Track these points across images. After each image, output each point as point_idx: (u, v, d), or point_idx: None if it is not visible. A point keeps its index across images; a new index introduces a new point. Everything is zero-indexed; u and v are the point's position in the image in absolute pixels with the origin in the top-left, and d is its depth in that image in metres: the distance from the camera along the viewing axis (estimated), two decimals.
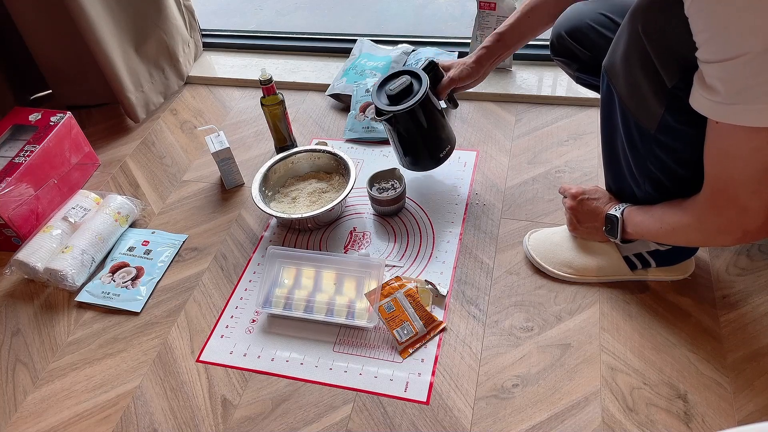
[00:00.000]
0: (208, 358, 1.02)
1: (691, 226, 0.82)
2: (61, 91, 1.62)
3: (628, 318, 0.98)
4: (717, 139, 0.71)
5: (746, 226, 0.75)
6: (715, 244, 0.88)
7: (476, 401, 0.91)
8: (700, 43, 0.65)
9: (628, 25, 0.77)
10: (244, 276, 1.15)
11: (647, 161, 0.84)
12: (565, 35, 1.04)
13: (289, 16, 2.24)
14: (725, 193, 0.74)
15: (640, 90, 0.79)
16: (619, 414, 0.87)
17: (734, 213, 0.75)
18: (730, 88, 0.64)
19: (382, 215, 1.22)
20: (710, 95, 0.67)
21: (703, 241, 0.88)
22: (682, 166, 0.81)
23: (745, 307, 0.97)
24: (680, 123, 0.76)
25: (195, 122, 1.56)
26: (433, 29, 2.03)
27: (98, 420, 0.95)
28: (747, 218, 0.74)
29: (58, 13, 1.38)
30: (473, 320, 1.01)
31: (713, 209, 0.77)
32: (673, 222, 0.84)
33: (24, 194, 1.23)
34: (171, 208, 1.32)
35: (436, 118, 1.15)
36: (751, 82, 0.62)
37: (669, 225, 0.85)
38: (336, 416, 0.91)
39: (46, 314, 1.13)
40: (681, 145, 0.78)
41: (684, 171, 0.81)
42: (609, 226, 0.95)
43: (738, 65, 0.62)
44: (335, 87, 1.53)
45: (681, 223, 0.83)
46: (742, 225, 0.75)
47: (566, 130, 1.36)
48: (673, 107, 0.75)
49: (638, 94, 0.80)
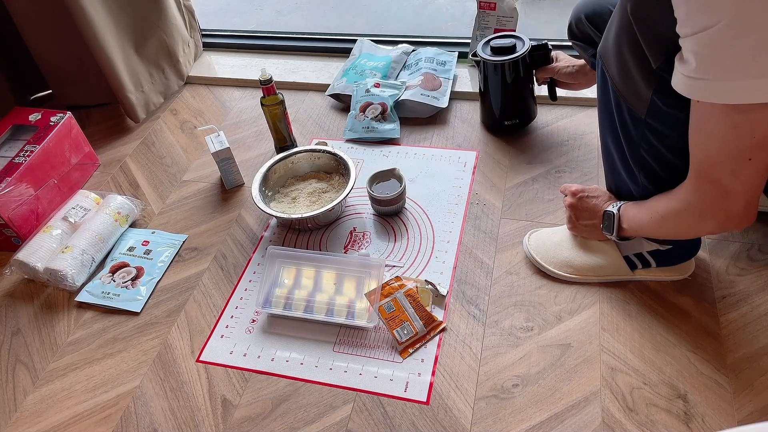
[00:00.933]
0: (208, 358, 1.02)
1: (678, 211, 0.82)
2: (61, 91, 1.62)
3: (628, 318, 0.98)
4: (697, 119, 0.71)
5: (728, 208, 0.75)
6: (701, 231, 0.88)
7: (476, 401, 0.91)
8: (678, 19, 0.65)
9: (619, 8, 0.78)
10: (244, 276, 1.15)
11: (641, 149, 0.85)
12: (584, 19, 1.05)
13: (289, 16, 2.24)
14: (707, 175, 0.74)
15: (630, 73, 0.80)
16: (619, 414, 0.87)
17: (716, 195, 0.75)
18: (702, 62, 0.64)
19: (382, 215, 1.22)
20: (685, 71, 0.67)
21: (690, 229, 0.87)
22: (674, 153, 0.81)
23: (745, 307, 0.97)
24: (668, 106, 0.77)
25: (195, 122, 1.56)
26: (433, 29, 2.03)
27: (98, 420, 0.95)
28: (729, 201, 0.74)
29: (59, 13, 1.38)
30: (473, 320, 1.01)
31: (697, 192, 0.77)
32: (661, 210, 0.84)
33: (24, 194, 1.23)
34: (171, 208, 1.32)
35: (518, 88, 1.29)
36: (721, 55, 0.62)
37: (658, 214, 0.85)
38: (336, 416, 0.91)
39: (46, 314, 1.13)
40: (671, 130, 0.78)
41: (677, 159, 0.81)
42: (606, 222, 0.96)
43: (707, 37, 0.62)
44: (335, 87, 1.53)
45: (668, 210, 0.83)
46: (724, 208, 0.75)
47: (566, 130, 1.36)
48: (660, 90, 0.76)
49: (629, 77, 0.80)
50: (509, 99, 1.32)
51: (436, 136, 1.40)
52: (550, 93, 1.36)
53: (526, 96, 1.33)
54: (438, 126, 1.42)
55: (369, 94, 1.44)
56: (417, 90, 1.44)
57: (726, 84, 0.63)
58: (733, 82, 0.63)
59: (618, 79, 0.83)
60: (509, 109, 1.34)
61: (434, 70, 1.50)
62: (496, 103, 1.34)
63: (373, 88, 1.45)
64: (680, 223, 0.84)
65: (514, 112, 1.35)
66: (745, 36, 0.59)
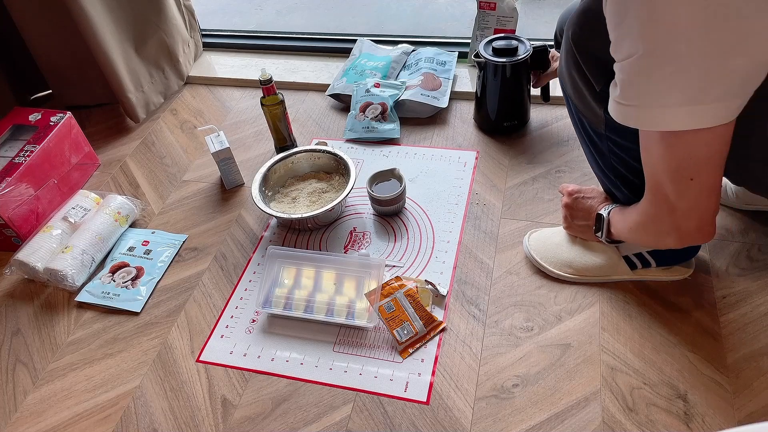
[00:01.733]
0: (208, 358, 1.02)
1: (639, 224, 0.83)
2: (61, 91, 1.62)
3: (628, 318, 0.98)
4: (641, 138, 0.72)
5: (680, 226, 0.75)
6: (662, 245, 0.88)
7: (476, 401, 0.91)
8: (611, 44, 0.66)
9: (565, 32, 0.80)
10: (244, 276, 1.15)
11: (611, 160, 0.86)
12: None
13: (289, 16, 2.24)
14: (656, 192, 0.75)
15: (582, 92, 0.81)
16: (619, 414, 0.86)
17: (666, 212, 0.75)
18: (625, 89, 0.65)
19: (382, 215, 1.22)
20: (615, 96, 0.68)
21: (654, 241, 0.88)
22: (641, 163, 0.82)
23: (745, 307, 0.97)
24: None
25: (195, 122, 1.56)
26: (433, 29, 2.03)
27: (98, 420, 0.95)
28: (678, 218, 0.74)
29: (59, 13, 1.38)
30: (473, 320, 1.01)
31: (651, 207, 0.78)
32: (630, 221, 0.86)
33: (24, 194, 1.23)
34: (171, 208, 1.32)
35: (519, 89, 1.30)
36: (643, 83, 0.63)
37: (629, 224, 0.86)
38: (336, 416, 0.91)
39: (46, 314, 1.13)
40: (632, 143, 0.79)
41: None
42: (597, 225, 0.96)
43: (629, 65, 0.63)
44: (335, 87, 1.53)
45: (634, 221, 0.84)
46: (675, 225, 0.76)
47: (566, 130, 1.36)
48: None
49: (582, 96, 0.82)
50: (510, 100, 1.33)
51: (436, 136, 1.40)
52: (543, 94, 1.37)
53: (525, 97, 1.34)
54: (438, 126, 1.42)
55: (369, 94, 1.44)
56: (417, 90, 1.44)
57: (650, 111, 0.64)
58: (656, 109, 0.64)
59: (574, 98, 0.85)
60: (509, 110, 1.34)
61: (434, 70, 1.50)
62: (495, 105, 1.34)
63: (373, 88, 1.45)
64: (644, 235, 0.86)
65: (514, 113, 1.35)
66: (662, 67, 0.60)
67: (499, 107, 1.34)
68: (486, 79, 1.30)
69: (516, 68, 1.26)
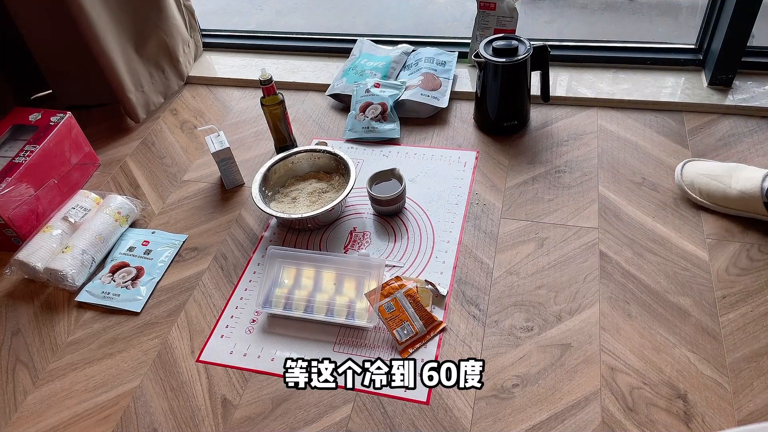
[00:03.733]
0: (208, 358, 1.02)
1: None
2: (61, 91, 1.62)
3: (628, 318, 0.98)
4: None
5: None
6: None
7: (476, 401, 0.91)
8: None
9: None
10: (244, 276, 1.15)
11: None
12: None
13: (289, 16, 2.24)
14: None
15: None
16: (619, 414, 0.87)
17: None
18: None
19: (382, 215, 1.22)
20: None
21: None
22: None
23: (745, 307, 0.97)
24: None
25: (195, 122, 1.56)
26: (433, 29, 2.03)
27: (98, 420, 0.95)
28: None
29: (59, 13, 1.38)
30: (473, 320, 1.02)
31: None
32: None
33: (24, 194, 1.23)
34: (171, 208, 1.32)
35: (519, 89, 1.30)
36: None
37: None
38: (336, 416, 0.91)
39: (46, 314, 1.13)
40: None
41: None
42: None
43: None
44: (335, 87, 1.53)
45: None
46: None
47: (566, 130, 1.36)
48: None
49: None
50: (510, 100, 1.33)
51: (436, 136, 1.40)
52: (543, 94, 1.37)
53: (525, 97, 1.34)
54: (438, 126, 1.43)
55: (369, 94, 1.44)
56: (417, 90, 1.44)
57: None
58: None
59: None
60: (509, 110, 1.34)
61: (434, 70, 1.50)
62: (495, 105, 1.34)
63: (373, 88, 1.45)
64: None
65: (514, 113, 1.35)
66: None
67: (499, 107, 1.34)
68: (486, 80, 1.30)
69: (516, 68, 1.26)
